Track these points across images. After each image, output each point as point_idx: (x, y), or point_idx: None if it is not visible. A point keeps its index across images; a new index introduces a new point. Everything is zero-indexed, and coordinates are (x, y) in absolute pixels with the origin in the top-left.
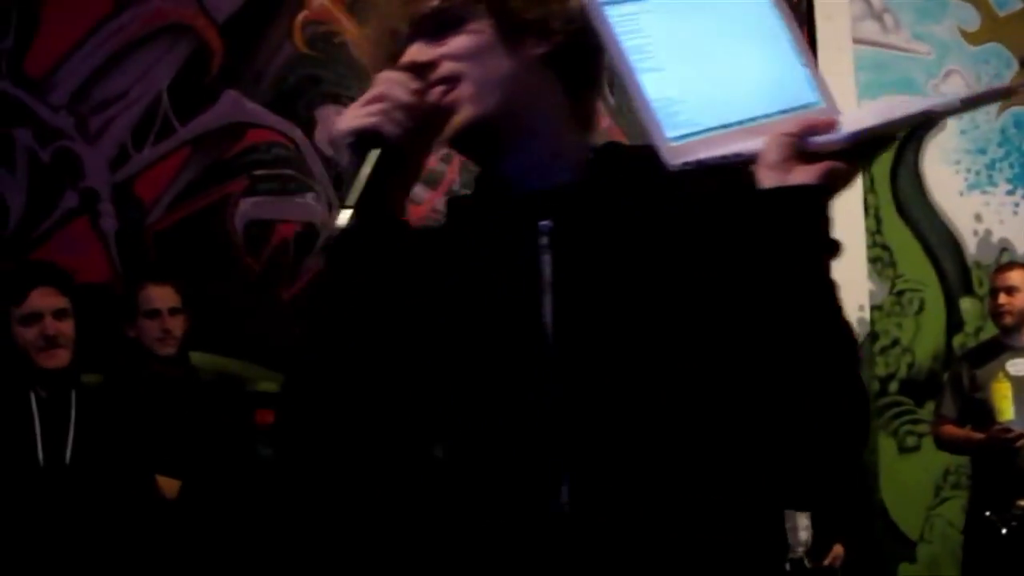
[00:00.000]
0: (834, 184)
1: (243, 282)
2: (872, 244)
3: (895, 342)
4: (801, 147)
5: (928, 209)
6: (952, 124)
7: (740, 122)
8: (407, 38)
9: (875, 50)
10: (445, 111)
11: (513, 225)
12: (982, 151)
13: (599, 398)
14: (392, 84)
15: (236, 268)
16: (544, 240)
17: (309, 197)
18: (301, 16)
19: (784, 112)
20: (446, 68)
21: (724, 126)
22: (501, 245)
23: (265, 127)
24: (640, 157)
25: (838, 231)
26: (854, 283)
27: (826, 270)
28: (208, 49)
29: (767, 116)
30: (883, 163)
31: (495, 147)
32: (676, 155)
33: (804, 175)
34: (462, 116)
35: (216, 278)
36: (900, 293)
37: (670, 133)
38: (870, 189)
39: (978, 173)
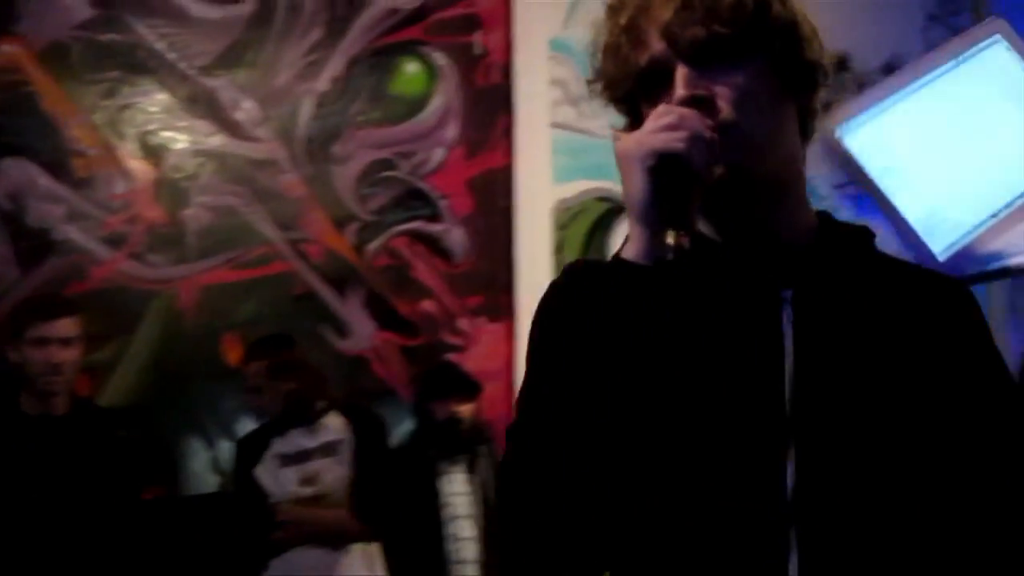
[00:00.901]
0: None
1: None
2: None
3: None
4: None
5: None
6: None
7: (995, 213)
8: (668, 56)
9: (572, 135)
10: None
11: (755, 286)
12: None
13: (832, 479)
14: (690, 116)
15: None
16: (787, 307)
17: None
18: None
19: None
20: (724, 112)
21: (982, 222)
22: (742, 305)
23: None
24: (856, 233)
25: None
26: None
27: None
28: None
29: (1013, 201)
30: (575, 241)
31: (752, 203)
32: (951, 269)
33: None
34: (729, 168)
35: None
36: None
37: (938, 247)
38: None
39: None
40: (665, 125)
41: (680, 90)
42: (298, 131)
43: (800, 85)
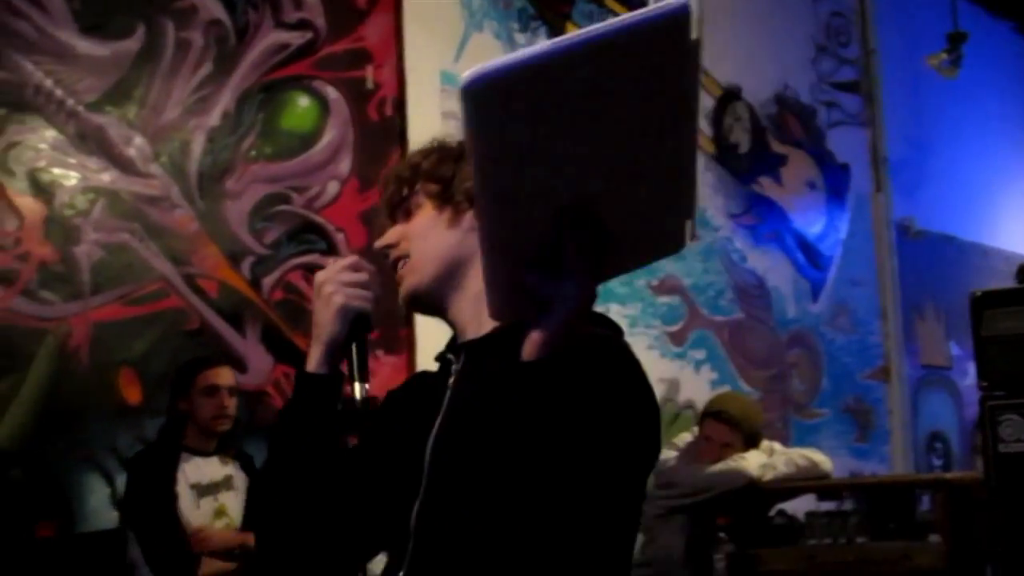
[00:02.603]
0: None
1: None
2: None
3: None
4: None
5: None
6: None
7: None
8: (388, 218)
9: None
10: (399, 282)
11: (444, 368)
12: None
13: (440, 516)
14: (374, 277)
15: None
16: (451, 382)
17: None
18: None
19: None
20: (399, 248)
21: None
22: (436, 383)
23: None
24: None
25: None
26: None
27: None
28: None
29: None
30: None
31: (441, 307)
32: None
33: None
34: (404, 288)
35: None
36: None
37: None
38: None
39: None
40: (357, 281)
41: (378, 240)
42: (190, 166)
43: (466, 211)
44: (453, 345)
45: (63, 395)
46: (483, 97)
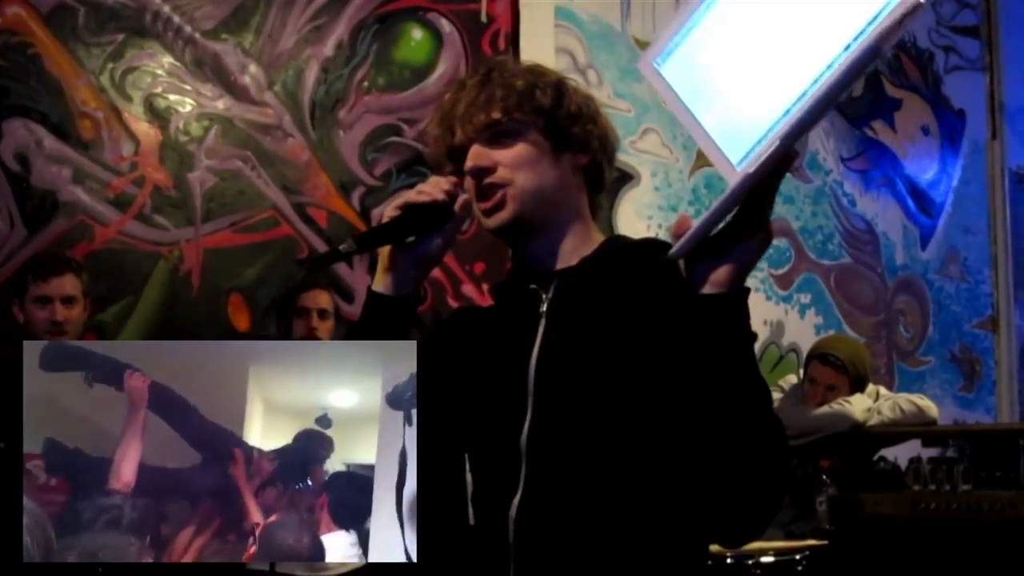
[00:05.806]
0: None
1: None
2: None
3: None
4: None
5: None
6: (647, 180)
7: (788, 109)
8: (467, 139)
9: None
10: (495, 207)
11: (529, 297)
12: (674, 208)
13: (553, 435)
14: (435, 182)
15: None
16: (543, 309)
17: None
18: None
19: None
20: (500, 173)
21: (776, 121)
22: (519, 312)
23: None
24: (637, 248)
25: None
26: None
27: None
28: None
29: (805, 92)
30: None
31: (529, 237)
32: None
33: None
34: (507, 213)
35: None
36: None
37: (735, 158)
38: None
39: (668, 229)
40: (415, 190)
41: (468, 163)
42: (303, 96)
43: (569, 149)
44: (531, 275)
45: (174, 319)
46: None
